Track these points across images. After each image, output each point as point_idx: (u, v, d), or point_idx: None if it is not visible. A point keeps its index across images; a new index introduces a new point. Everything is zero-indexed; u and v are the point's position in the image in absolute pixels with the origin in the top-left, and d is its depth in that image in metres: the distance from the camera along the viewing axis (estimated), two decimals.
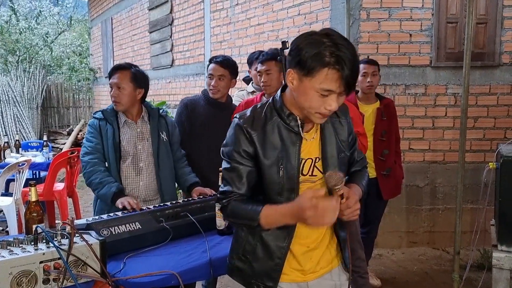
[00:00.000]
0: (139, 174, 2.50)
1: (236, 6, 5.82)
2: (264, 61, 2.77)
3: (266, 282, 1.54)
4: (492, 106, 4.26)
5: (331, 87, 1.33)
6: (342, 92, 1.35)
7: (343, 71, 1.30)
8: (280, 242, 1.52)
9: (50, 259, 1.51)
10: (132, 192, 2.49)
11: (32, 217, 1.85)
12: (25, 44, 11.37)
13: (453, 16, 4.20)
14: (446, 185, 4.32)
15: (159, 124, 2.59)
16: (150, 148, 2.53)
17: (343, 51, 1.30)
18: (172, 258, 1.88)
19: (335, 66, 1.29)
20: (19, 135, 9.38)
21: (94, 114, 2.55)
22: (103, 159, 2.47)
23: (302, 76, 1.35)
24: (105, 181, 2.37)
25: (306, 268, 1.58)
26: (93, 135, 2.48)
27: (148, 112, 2.59)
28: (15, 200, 4.18)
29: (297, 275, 1.58)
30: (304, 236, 1.55)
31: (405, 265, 4.00)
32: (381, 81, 4.22)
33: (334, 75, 1.30)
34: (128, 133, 2.51)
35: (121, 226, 1.97)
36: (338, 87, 1.33)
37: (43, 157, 5.13)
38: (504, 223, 2.65)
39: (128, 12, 9.36)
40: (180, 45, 7.39)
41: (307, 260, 1.58)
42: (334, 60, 1.29)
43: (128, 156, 2.49)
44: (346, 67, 1.30)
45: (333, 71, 1.30)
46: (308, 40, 1.35)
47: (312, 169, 1.51)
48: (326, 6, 4.38)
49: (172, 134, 2.66)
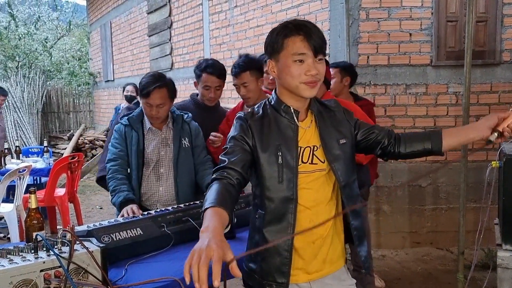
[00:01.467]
0: (160, 180, 2.52)
1: (235, 8, 5.81)
2: (238, 73, 2.64)
3: (277, 279, 1.53)
4: (493, 104, 4.24)
5: (302, 50, 1.46)
6: (314, 55, 1.46)
7: (306, 35, 1.45)
8: (284, 234, 1.51)
9: (51, 267, 1.49)
10: (153, 197, 2.52)
11: (32, 224, 1.83)
12: (25, 49, 11.38)
13: (453, 14, 4.18)
14: (449, 184, 4.30)
15: (182, 130, 2.58)
16: (171, 154, 2.54)
17: (300, 22, 1.50)
18: (174, 264, 1.86)
19: (298, 32, 1.46)
20: (20, 141, 9.38)
21: (121, 120, 2.56)
22: (124, 166, 2.48)
23: (278, 56, 1.50)
24: (117, 189, 2.38)
25: (311, 267, 1.57)
26: (117, 141, 2.50)
27: (173, 118, 2.59)
28: (16, 206, 4.17)
29: (301, 275, 1.58)
30: (308, 233, 1.53)
31: (409, 266, 3.98)
32: (382, 81, 4.22)
33: (299, 40, 1.46)
34: (152, 139, 2.52)
35: (122, 232, 1.95)
36: (309, 50, 1.45)
37: (43, 163, 5.12)
38: (508, 222, 2.62)
39: (127, 16, 9.36)
40: (179, 48, 7.39)
41: (312, 258, 1.57)
42: (295, 28, 1.47)
43: (151, 163, 2.51)
44: (308, 31, 1.46)
45: (298, 37, 1.46)
46: (272, 31, 1.53)
47: (311, 157, 1.54)
48: (325, 6, 4.37)
49: (195, 139, 2.63)
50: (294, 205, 1.51)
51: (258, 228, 1.57)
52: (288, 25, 1.49)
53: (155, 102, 2.42)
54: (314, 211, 1.54)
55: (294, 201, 1.51)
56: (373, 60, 4.22)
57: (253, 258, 1.61)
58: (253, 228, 1.61)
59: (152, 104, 2.42)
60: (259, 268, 1.57)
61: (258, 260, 1.57)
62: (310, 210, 1.54)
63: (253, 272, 1.60)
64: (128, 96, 5.82)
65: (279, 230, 1.52)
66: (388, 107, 4.24)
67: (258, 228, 1.56)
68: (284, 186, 1.50)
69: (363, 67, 4.21)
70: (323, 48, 1.48)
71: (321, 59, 1.49)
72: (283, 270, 1.53)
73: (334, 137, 1.56)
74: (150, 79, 2.44)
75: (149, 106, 2.44)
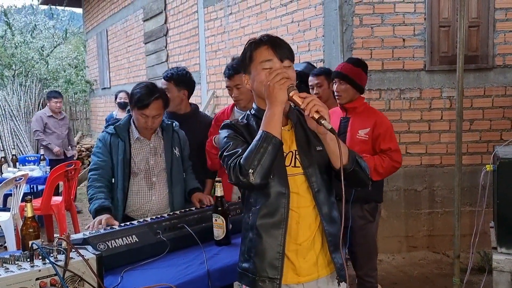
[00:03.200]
0: (152, 189, 2.50)
1: (230, 15, 5.85)
2: (232, 75, 2.69)
3: (270, 274, 1.57)
4: (487, 108, 4.28)
5: (267, 57, 1.58)
6: (279, 58, 1.57)
7: (270, 43, 1.59)
8: (276, 229, 1.57)
9: (47, 275, 1.50)
10: (143, 207, 2.49)
11: (28, 233, 1.84)
12: (21, 58, 11.37)
13: (446, 20, 4.22)
14: (444, 188, 4.32)
15: (172, 139, 2.59)
16: (163, 164, 2.53)
17: (265, 36, 1.64)
18: (169, 270, 1.87)
19: (263, 43, 1.60)
20: (16, 149, 9.36)
21: (106, 128, 2.53)
22: (105, 175, 2.45)
23: (249, 69, 1.63)
24: (94, 197, 2.36)
25: (302, 270, 1.60)
26: (100, 150, 2.48)
27: (162, 127, 2.58)
28: (13, 215, 4.16)
29: (291, 276, 1.61)
30: (295, 234, 1.59)
31: (405, 270, 3.99)
32: (376, 86, 4.25)
33: (265, 49, 1.59)
34: (140, 149, 2.51)
35: (118, 239, 1.96)
36: (273, 55, 1.58)
37: (40, 171, 5.12)
38: (503, 225, 2.64)
39: (123, 23, 9.39)
40: (175, 55, 7.42)
41: (300, 260, 1.60)
42: (260, 41, 1.62)
43: (139, 172, 2.48)
44: (272, 40, 1.61)
45: (263, 47, 1.60)
46: (243, 50, 1.67)
47: (293, 160, 1.62)
48: (319, 13, 4.40)
49: (183, 148, 2.66)
50: (287, 200, 1.57)
51: (251, 225, 1.62)
52: (255, 40, 1.63)
53: (151, 114, 2.41)
54: (300, 214, 1.59)
55: (286, 196, 1.57)
56: None
57: (246, 258, 1.65)
58: (246, 228, 1.66)
59: (149, 115, 2.41)
60: (252, 265, 1.61)
61: (252, 256, 1.62)
62: (296, 212, 1.59)
63: (246, 271, 1.64)
64: (122, 103, 5.79)
65: (272, 224, 1.58)
66: (383, 112, 4.24)
67: (251, 225, 1.62)
68: (276, 182, 1.57)
69: None
70: (288, 54, 1.60)
71: (289, 66, 1.59)
72: (276, 265, 1.57)
73: (310, 143, 1.63)
74: (146, 90, 2.42)
75: (145, 118, 2.42)
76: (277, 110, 1.51)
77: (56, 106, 6.29)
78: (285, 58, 1.58)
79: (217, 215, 2.15)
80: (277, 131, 1.50)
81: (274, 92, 1.50)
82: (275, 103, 1.51)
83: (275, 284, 1.56)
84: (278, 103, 1.51)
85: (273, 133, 1.48)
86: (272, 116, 1.51)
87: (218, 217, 2.14)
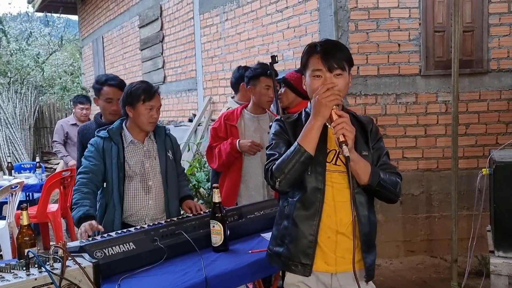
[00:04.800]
0: (149, 193, 2.49)
1: (226, 21, 5.87)
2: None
3: (302, 260, 1.69)
4: (482, 112, 4.30)
5: (317, 67, 1.68)
6: (327, 69, 1.66)
7: (320, 52, 1.68)
8: (311, 220, 1.68)
9: (43, 284, 1.49)
10: (141, 211, 2.48)
11: (24, 241, 1.82)
12: (16, 65, 11.35)
13: (440, 25, 4.25)
14: (441, 192, 4.33)
15: (165, 142, 2.59)
16: (158, 167, 2.53)
17: (317, 43, 1.73)
18: (167, 277, 1.86)
19: (313, 51, 1.70)
20: (12, 157, 9.32)
21: (98, 133, 2.51)
22: (94, 180, 2.42)
23: (304, 72, 1.77)
24: (79, 203, 2.31)
25: (330, 259, 1.69)
26: (92, 154, 2.45)
27: (154, 130, 2.58)
28: (8, 223, 4.13)
29: (321, 264, 1.70)
30: (327, 227, 1.68)
31: (403, 275, 3.98)
32: (372, 91, 4.26)
33: (315, 58, 1.68)
34: (134, 152, 2.50)
35: (115, 247, 1.95)
36: (322, 65, 1.66)
37: (36, 179, 5.09)
38: (500, 228, 2.65)
39: (119, 30, 9.40)
40: (171, 61, 7.42)
41: (331, 250, 1.69)
42: (312, 48, 1.71)
43: (134, 176, 2.47)
44: (321, 48, 1.68)
45: (314, 56, 1.68)
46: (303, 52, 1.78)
47: (335, 158, 1.70)
48: (315, 19, 4.42)
49: (176, 152, 2.67)
50: (322, 195, 1.68)
51: (287, 215, 1.75)
52: (311, 46, 1.71)
53: (157, 104, 2.48)
54: (333, 208, 1.68)
55: (322, 191, 1.68)
56: (363, 71, 4.26)
57: (279, 243, 1.77)
58: (281, 216, 1.79)
59: (155, 106, 2.46)
60: (286, 250, 1.74)
61: (285, 243, 1.74)
62: (329, 206, 1.69)
63: (279, 255, 1.76)
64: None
65: (307, 216, 1.69)
66: (379, 116, 4.28)
67: (287, 214, 1.74)
68: (313, 178, 1.68)
69: (353, 77, 4.23)
70: (340, 64, 1.65)
71: (339, 74, 1.66)
72: (308, 253, 1.69)
73: (357, 146, 1.69)
74: (145, 84, 2.50)
75: (151, 110, 2.45)
76: (317, 124, 1.60)
77: (82, 113, 5.27)
78: (335, 68, 1.64)
79: (215, 222, 2.14)
80: (311, 145, 1.61)
81: (319, 106, 1.58)
82: (318, 117, 1.60)
83: (306, 269, 1.69)
84: (320, 117, 1.59)
85: (306, 147, 1.59)
86: (311, 129, 1.60)
87: (216, 223, 2.13)
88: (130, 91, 2.47)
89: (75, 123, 5.22)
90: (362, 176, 1.63)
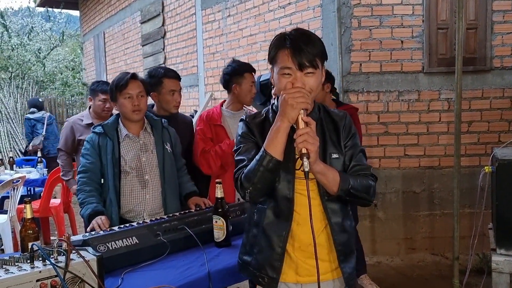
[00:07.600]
0: (145, 187, 2.45)
1: (228, 17, 5.85)
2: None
3: (269, 273, 1.62)
4: (485, 110, 4.29)
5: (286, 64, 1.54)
6: (297, 67, 1.53)
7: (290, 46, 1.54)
8: (280, 231, 1.61)
9: (47, 276, 1.49)
10: (138, 206, 2.44)
11: (27, 234, 1.82)
12: (18, 60, 11.37)
13: (444, 22, 4.24)
14: (443, 190, 4.33)
15: (163, 135, 2.55)
16: (155, 160, 2.49)
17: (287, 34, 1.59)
18: (170, 272, 1.86)
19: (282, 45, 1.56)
20: (13, 151, 9.32)
21: (94, 129, 2.48)
22: (94, 177, 2.41)
23: (272, 67, 1.62)
24: (86, 201, 2.33)
25: (302, 269, 1.61)
26: (88, 152, 2.43)
27: (151, 123, 2.55)
28: (10, 217, 4.14)
29: (291, 275, 1.63)
30: (297, 236, 1.60)
31: (404, 272, 3.99)
32: (375, 88, 4.26)
33: (284, 53, 1.54)
34: (130, 146, 2.46)
35: (118, 241, 1.95)
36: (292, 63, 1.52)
37: (37, 173, 5.09)
38: (501, 226, 2.64)
39: (120, 26, 9.38)
40: (173, 57, 7.41)
41: (301, 260, 1.61)
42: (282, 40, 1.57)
43: (130, 171, 2.43)
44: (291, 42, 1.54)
45: (283, 50, 1.55)
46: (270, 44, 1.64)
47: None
48: (318, 15, 4.41)
49: (175, 145, 2.62)
50: (291, 204, 1.60)
51: (256, 222, 1.66)
52: (281, 36, 1.57)
53: (135, 91, 2.41)
54: (304, 216, 1.57)
55: (291, 200, 1.59)
56: (365, 68, 4.25)
57: (248, 251, 1.70)
58: (250, 223, 1.71)
59: (133, 93, 2.41)
60: (254, 260, 1.67)
61: (254, 252, 1.66)
62: (299, 214, 1.60)
63: (247, 264, 1.70)
64: None
65: (277, 226, 1.61)
66: (381, 114, 4.28)
67: (256, 222, 1.66)
68: (282, 186, 1.59)
69: (355, 74, 4.25)
70: (312, 60, 1.52)
71: (311, 73, 1.53)
72: (275, 266, 1.62)
73: (326, 150, 1.60)
74: (120, 75, 2.48)
75: (130, 98, 2.41)
76: (283, 126, 1.48)
77: (105, 106, 3.70)
78: (306, 67, 1.51)
79: (217, 217, 2.14)
80: (278, 150, 1.49)
81: (286, 108, 1.46)
82: (284, 119, 1.47)
83: (273, 283, 1.62)
84: (286, 119, 1.47)
85: (273, 153, 1.48)
86: (277, 131, 1.48)
87: (219, 218, 2.13)
88: (110, 86, 2.49)
89: (91, 122, 3.64)
90: (330, 186, 1.53)
